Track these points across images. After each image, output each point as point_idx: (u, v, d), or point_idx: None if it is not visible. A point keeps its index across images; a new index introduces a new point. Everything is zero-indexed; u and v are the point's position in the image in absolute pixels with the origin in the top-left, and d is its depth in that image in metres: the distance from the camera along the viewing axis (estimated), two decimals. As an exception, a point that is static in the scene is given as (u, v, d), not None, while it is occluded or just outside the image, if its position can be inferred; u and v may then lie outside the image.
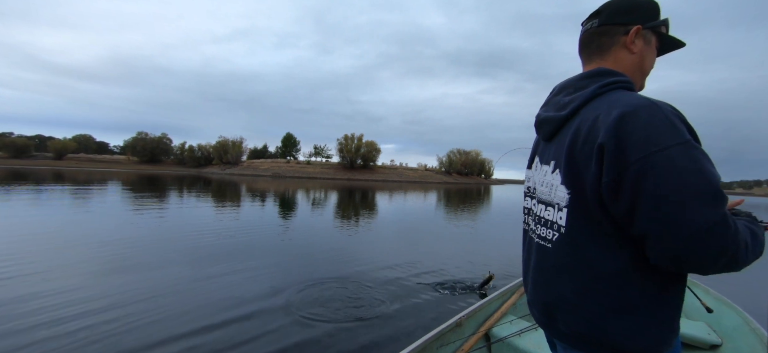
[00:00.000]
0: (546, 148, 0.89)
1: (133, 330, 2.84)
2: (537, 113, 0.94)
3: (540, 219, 0.86)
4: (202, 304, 3.43)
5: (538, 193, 0.88)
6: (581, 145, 0.71)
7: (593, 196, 0.69)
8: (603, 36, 0.83)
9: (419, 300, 3.77)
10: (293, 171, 65.20)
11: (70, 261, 4.68)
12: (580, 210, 0.73)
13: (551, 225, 0.81)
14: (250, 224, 8.49)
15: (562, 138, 0.79)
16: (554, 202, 0.80)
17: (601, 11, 0.84)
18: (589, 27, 0.86)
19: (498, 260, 5.84)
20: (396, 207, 15.56)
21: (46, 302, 3.29)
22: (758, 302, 3.25)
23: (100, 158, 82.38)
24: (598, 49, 0.84)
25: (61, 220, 7.83)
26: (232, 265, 4.79)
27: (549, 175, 0.83)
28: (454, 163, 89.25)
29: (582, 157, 0.71)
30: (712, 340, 2.11)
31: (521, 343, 2.08)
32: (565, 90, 0.86)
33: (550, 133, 0.86)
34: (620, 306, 0.71)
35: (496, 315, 2.31)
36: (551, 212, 0.81)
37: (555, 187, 0.80)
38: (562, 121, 0.81)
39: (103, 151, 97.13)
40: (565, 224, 0.76)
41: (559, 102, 0.85)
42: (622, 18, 0.81)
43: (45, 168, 50.04)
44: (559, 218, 0.78)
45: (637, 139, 0.62)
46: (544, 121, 0.88)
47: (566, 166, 0.75)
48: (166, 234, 6.83)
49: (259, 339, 2.79)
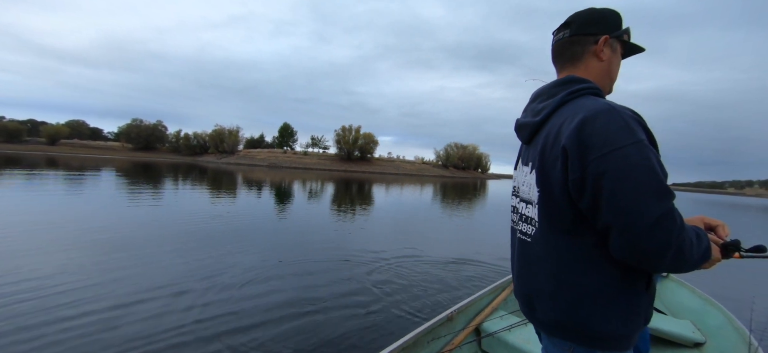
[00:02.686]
0: (526, 150, 0.97)
1: (124, 322, 2.85)
2: (517, 119, 1.02)
3: (522, 215, 0.94)
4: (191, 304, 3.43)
5: (521, 192, 0.96)
6: (549, 149, 0.80)
7: (561, 194, 0.77)
8: (575, 45, 0.90)
9: (410, 294, 3.80)
10: (290, 161, 64.93)
11: (64, 255, 4.65)
12: (550, 206, 0.81)
13: (530, 220, 0.89)
14: (245, 214, 8.47)
15: (537, 142, 0.87)
16: (532, 200, 0.88)
17: (570, 22, 0.91)
18: (561, 37, 0.93)
19: (490, 254, 5.89)
20: (392, 200, 15.60)
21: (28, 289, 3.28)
22: (741, 302, 3.33)
23: (93, 144, 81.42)
24: (570, 58, 0.92)
25: (55, 206, 7.76)
26: (222, 253, 4.79)
27: (528, 175, 0.91)
28: (452, 156, 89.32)
29: (550, 160, 0.79)
30: (696, 338, 2.17)
31: (511, 338, 2.11)
32: (539, 97, 0.94)
33: (527, 137, 0.94)
34: (590, 293, 0.77)
35: (487, 311, 2.34)
36: (530, 209, 0.89)
37: (532, 186, 0.87)
38: (536, 126, 0.89)
39: (96, 137, 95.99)
40: (537, 219, 0.85)
41: (535, 108, 0.93)
42: (592, 28, 0.89)
43: (38, 153, 49.46)
44: (534, 214, 0.86)
45: (596, 140, 0.69)
46: (522, 126, 0.96)
47: (539, 167, 0.84)
48: (159, 224, 6.80)
49: (245, 331, 2.81)
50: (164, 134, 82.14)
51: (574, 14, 0.92)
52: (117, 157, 56.70)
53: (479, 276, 4.63)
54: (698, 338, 2.17)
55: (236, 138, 75.97)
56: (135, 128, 76.56)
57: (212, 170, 31.93)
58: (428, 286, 4.09)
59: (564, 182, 0.75)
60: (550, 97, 0.88)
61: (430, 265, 4.99)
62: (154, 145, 78.49)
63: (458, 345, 2.08)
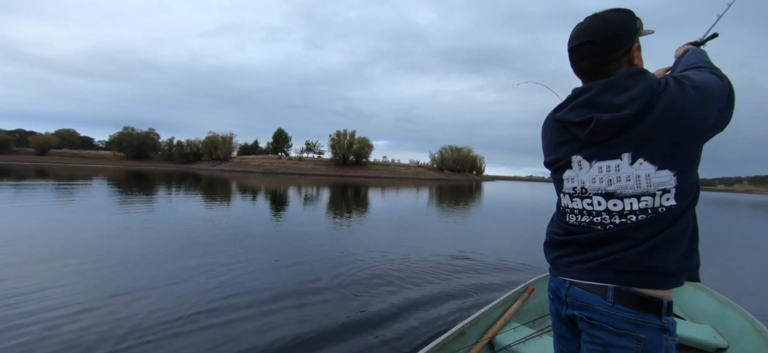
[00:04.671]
0: (598, 146, 0.92)
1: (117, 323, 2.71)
2: (584, 115, 0.93)
3: (633, 210, 0.89)
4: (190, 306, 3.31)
5: (614, 190, 0.90)
6: (686, 116, 0.83)
7: (701, 144, 0.87)
8: (610, 63, 0.91)
9: (419, 305, 3.71)
10: (285, 167, 64.58)
11: (58, 265, 4.48)
12: (685, 176, 0.85)
13: (654, 210, 0.86)
14: (241, 222, 8.32)
15: (632, 132, 0.86)
16: (652, 191, 0.86)
17: (594, 42, 0.90)
18: (591, 57, 0.92)
19: (494, 257, 5.82)
20: (389, 203, 15.50)
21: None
22: (764, 304, 3.27)
23: (84, 153, 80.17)
24: (605, 73, 0.92)
25: (45, 218, 7.54)
26: (220, 262, 4.66)
27: (626, 167, 0.88)
28: (446, 159, 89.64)
29: (692, 123, 0.83)
30: (718, 343, 2.10)
31: (526, 350, 2.04)
32: (612, 89, 0.89)
33: (613, 132, 0.89)
34: (690, 241, 0.92)
35: (500, 323, 2.26)
36: (649, 200, 0.86)
37: (646, 176, 0.86)
38: (629, 118, 0.86)
39: (87, 147, 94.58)
40: (676, 201, 0.85)
41: (612, 102, 0.88)
42: (620, 43, 0.89)
43: (27, 164, 48.56)
44: (664, 200, 0.85)
45: (713, 90, 0.86)
46: (608, 123, 0.88)
47: (668, 146, 0.84)
48: (154, 233, 6.64)
49: (248, 338, 2.70)
50: (157, 142, 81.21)
51: (591, 29, 0.91)
52: (109, 166, 55.88)
53: (486, 283, 4.55)
54: (720, 343, 2.10)
55: (230, 145, 75.40)
56: (127, 136, 75.58)
57: (206, 178, 31.56)
58: (435, 295, 3.98)
59: (704, 131, 0.85)
60: (628, 88, 0.87)
61: (435, 272, 4.90)
62: (146, 154, 77.52)
63: (472, 359, 2.00)
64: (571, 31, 0.98)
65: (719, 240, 9.61)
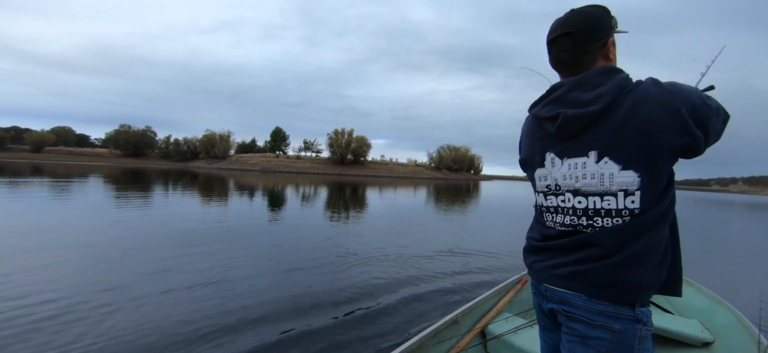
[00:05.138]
0: (567, 142, 0.93)
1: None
2: (552, 111, 0.95)
3: (598, 210, 0.89)
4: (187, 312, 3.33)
5: (579, 187, 0.92)
6: (662, 123, 0.81)
7: (672, 156, 0.84)
8: (585, 55, 0.92)
9: (413, 295, 3.74)
10: (283, 165, 64.48)
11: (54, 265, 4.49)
12: (653, 181, 0.84)
13: (619, 212, 0.86)
14: (238, 220, 8.32)
15: (599, 129, 0.87)
16: (614, 190, 0.86)
17: (571, 33, 0.91)
18: (568, 48, 0.93)
19: (489, 253, 5.87)
20: (387, 202, 15.53)
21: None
22: (750, 300, 3.33)
23: (80, 151, 79.76)
24: (584, 65, 0.93)
25: (39, 215, 7.51)
26: (212, 260, 4.68)
27: (592, 165, 0.89)
28: (444, 158, 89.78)
29: (656, 133, 0.81)
30: (704, 338, 2.14)
31: (517, 341, 2.08)
32: (582, 86, 0.91)
33: (579, 128, 0.90)
34: (666, 250, 0.90)
35: (492, 313, 2.30)
36: (612, 200, 0.87)
37: (610, 176, 0.86)
38: (595, 114, 0.87)
39: (83, 144, 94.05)
40: (640, 204, 0.84)
41: (581, 98, 0.89)
42: (596, 35, 0.91)
43: (22, 161, 48.17)
44: (629, 202, 0.85)
45: (693, 103, 0.82)
46: (574, 119, 0.90)
47: (634, 149, 0.83)
48: (151, 231, 6.64)
49: (248, 335, 2.72)
50: (153, 140, 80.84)
51: (569, 22, 0.92)
52: (105, 163, 55.53)
53: (481, 277, 4.60)
54: (706, 337, 2.14)
55: (227, 143, 75.18)
56: (123, 134, 75.17)
57: (203, 176, 31.46)
58: (431, 287, 4.02)
59: (672, 147, 0.81)
60: (597, 85, 0.88)
61: (430, 265, 4.94)
62: (143, 151, 77.15)
63: (464, 348, 2.04)
64: (550, 26, 1.00)
65: (711, 238, 9.76)
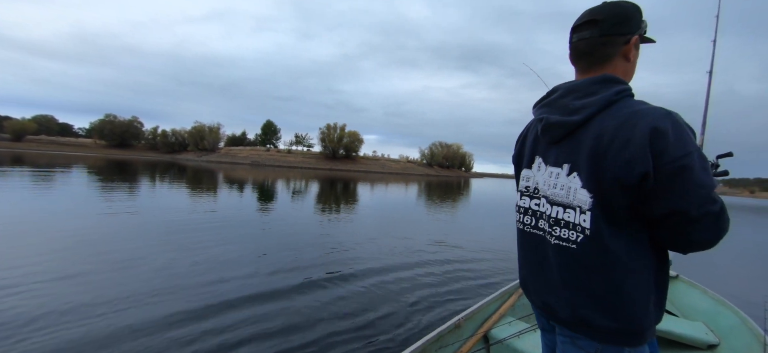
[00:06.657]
0: (551, 149, 0.90)
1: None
2: (539, 115, 0.93)
3: (558, 220, 0.86)
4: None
5: (550, 195, 0.89)
6: (615, 152, 0.75)
7: (623, 195, 0.75)
8: (607, 46, 0.85)
9: (412, 298, 3.66)
10: (273, 159, 63.87)
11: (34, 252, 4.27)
12: (605, 211, 0.78)
13: (574, 227, 0.83)
14: (227, 213, 8.13)
15: (577, 142, 0.83)
16: (575, 205, 0.82)
17: (598, 20, 0.85)
18: (589, 36, 0.86)
19: (484, 253, 5.84)
20: (379, 198, 15.47)
21: None
22: (755, 302, 3.36)
23: (63, 141, 77.58)
24: (600, 58, 0.86)
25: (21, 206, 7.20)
26: (201, 254, 4.52)
27: (563, 177, 0.85)
28: (436, 155, 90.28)
29: (616, 162, 0.74)
30: (709, 340, 2.12)
31: (520, 345, 2.02)
32: (573, 93, 0.87)
33: (559, 136, 0.87)
34: (640, 288, 0.79)
35: (495, 317, 2.24)
36: (572, 214, 0.83)
37: (574, 190, 0.82)
38: (575, 125, 0.83)
39: (66, 134, 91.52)
40: (590, 227, 0.79)
41: (568, 105, 0.86)
42: (623, 28, 0.84)
43: (2, 150, 46.56)
44: (582, 220, 0.81)
45: (671, 147, 0.70)
46: (554, 125, 0.88)
47: (590, 170, 0.79)
48: (137, 224, 6.41)
49: (245, 341, 2.60)
50: (140, 131, 79.18)
51: (599, 9, 0.86)
52: (89, 154, 54.08)
53: (480, 279, 4.55)
54: (711, 339, 2.12)
55: (217, 135, 74.15)
56: (109, 124, 73.33)
57: (192, 168, 30.89)
58: (431, 291, 3.96)
59: (632, 184, 0.73)
60: (588, 94, 0.83)
61: (430, 269, 4.88)
62: (129, 142, 75.49)
63: (467, 352, 1.97)
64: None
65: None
